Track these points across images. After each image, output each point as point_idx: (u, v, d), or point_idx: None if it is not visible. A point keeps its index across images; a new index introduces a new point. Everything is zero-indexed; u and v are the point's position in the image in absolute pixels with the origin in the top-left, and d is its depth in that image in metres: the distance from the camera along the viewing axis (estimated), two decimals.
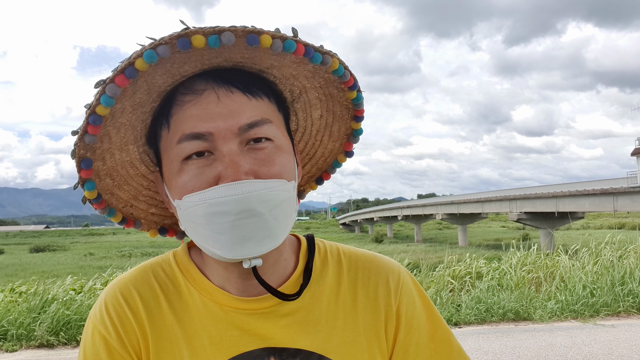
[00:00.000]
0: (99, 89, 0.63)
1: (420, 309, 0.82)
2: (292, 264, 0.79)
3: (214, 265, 0.76)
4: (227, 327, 0.74)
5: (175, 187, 0.69)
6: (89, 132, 0.65)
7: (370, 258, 0.84)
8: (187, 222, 0.70)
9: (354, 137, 0.85)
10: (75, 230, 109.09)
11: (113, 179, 0.75)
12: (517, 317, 6.42)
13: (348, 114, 0.82)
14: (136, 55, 0.61)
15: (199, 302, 0.75)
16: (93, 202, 0.73)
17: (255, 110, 0.69)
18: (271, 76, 0.73)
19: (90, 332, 0.75)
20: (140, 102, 0.68)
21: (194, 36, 0.60)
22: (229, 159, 0.66)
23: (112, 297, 0.76)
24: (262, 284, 0.71)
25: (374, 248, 32.87)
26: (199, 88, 0.68)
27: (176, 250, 0.82)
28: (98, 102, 0.63)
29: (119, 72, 0.61)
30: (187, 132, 0.67)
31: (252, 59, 0.69)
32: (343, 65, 0.72)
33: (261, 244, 0.66)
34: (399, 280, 0.82)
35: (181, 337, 0.73)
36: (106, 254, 36.82)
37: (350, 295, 0.79)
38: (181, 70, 0.66)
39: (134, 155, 0.75)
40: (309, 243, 0.83)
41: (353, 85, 0.76)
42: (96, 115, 0.64)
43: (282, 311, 0.75)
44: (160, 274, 0.78)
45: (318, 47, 0.68)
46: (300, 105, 0.79)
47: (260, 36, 0.63)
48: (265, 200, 0.65)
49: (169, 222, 0.86)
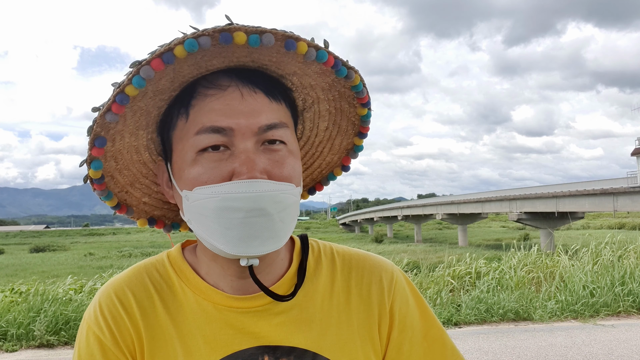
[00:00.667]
0: (133, 70, 0.63)
1: (413, 307, 0.83)
2: (285, 263, 0.80)
3: (209, 264, 0.77)
4: (221, 326, 0.74)
5: (187, 178, 0.69)
6: (112, 111, 0.64)
7: (363, 257, 0.84)
8: (193, 214, 0.70)
9: (354, 152, 0.86)
10: (75, 230, 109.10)
11: (117, 162, 0.75)
12: (517, 317, 6.42)
13: (353, 130, 0.83)
14: (177, 41, 0.61)
15: (192, 301, 0.76)
16: (95, 182, 0.73)
17: (275, 112, 0.70)
18: (289, 83, 0.75)
19: (85, 332, 0.75)
20: (162, 89, 0.68)
21: (236, 32, 0.61)
22: (245, 156, 0.67)
23: (106, 297, 0.76)
24: (257, 284, 0.71)
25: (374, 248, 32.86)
26: (223, 83, 0.69)
27: (170, 251, 0.82)
28: (130, 82, 0.62)
29: (157, 55, 0.61)
30: (208, 125, 0.68)
31: (278, 63, 0.70)
32: (362, 82, 0.74)
33: (265, 244, 0.67)
34: (392, 279, 0.82)
35: (175, 337, 0.74)
36: (106, 254, 36.84)
37: (344, 294, 0.80)
38: (209, 64, 0.67)
39: (141, 141, 0.75)
40: (302, 243, 0.83)
41: (367, 102, 0.78)
42: (124, 94, 0.63)
43: (275, 309, 0.75)
44: (154, 274, 0.79)
45: (345, 62, 0.71)
46: (309, 115, 0.81)
47: (298, 42, 0.65)
48: (276, 201, 0.66)
49: (158, 214, 0.85)
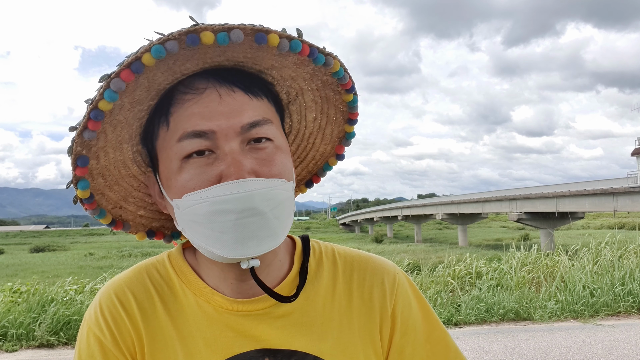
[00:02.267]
0: (103, 84, 0.61)
1: (416, 310, 0.82)
2: (286, 265, 0.79)
3: (209, 267, 0.76)
4: (222, 328, 0.73)
5: (175, 186, 0.68)
6: (89, 128, 0.63)
7: (365, 259, 0.83)
8: (185, 222, 0.69)
9: (346, 140, 0.85)
10: (75, 230, 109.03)
11: (105, 178, 0.73)
12: (517, 317, 6.42)
13: (342, 117, 0.82)
14: (144, 50, 0.60)
15: (193, 303, 0.75)
16: (85, 202, 0.72)
17: (256, 110, 0.69)
18: (270, 77, 0.73)
19: (85, 333, 0.74)
20: (139, 100, 0.67)
21: (203, 32, 0.60)
22: (231, 157, 0.65)
23: (107, 298, 0.75)
24: (259, 285, 0.70)
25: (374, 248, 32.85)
26: (200, 86, 0.68)
27: (171, 251, 0.81)
28: (102, 97, 0.61)
29: (125, 66, 0.60)
30: (189, 130, 0.66)
31: (254, 58, 0.68)
32: (343, 68, 0.73)
33: (263, 243, 0.66)
34: (395, 282, 0.81)
35: (176, 339, 0.73)
36: (106, 254, 36.81)
37: (346, 296, 0.79)
38: (182, 69, 0.66)
39: (127, 154, 0.73)
40: (303, 244, 0.82)
41: (351, 87, 0.76)
42: (98, 110, 0.62)
43: (276, 313, 0.74)
44: (154, 275, 0.78)
45: (321, 49, 0.69)
46: (295, 107, 0.79)
47: (268, 35, 0.63)
48: (267, 199, 0.65)
49: (157, 225, 0.85)
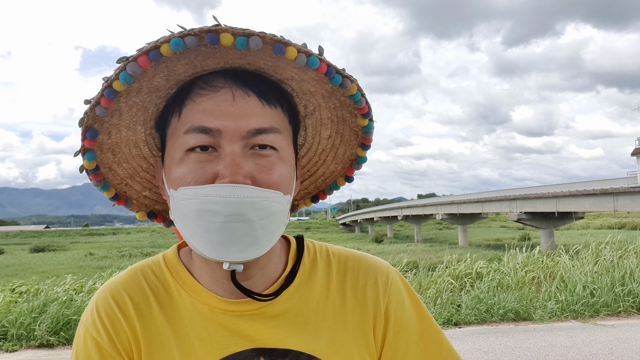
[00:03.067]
0: (120, 65, 0.63)
1: (409, 308, 0.82)
2: (281, 266, 0.80)
3: (202, 267, 0.77)
4: (217, 328, 0.74)
5: (173, 177, 0.70)
6: (101, 104, 0.65)
7: (359, 258, 0.84)
8: (177, 213, 0.70)
9: (357, 163, 0.85)
10: (75, 230, 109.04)
11: (114, 154, 0.75)
12: (517, 317, 6.42)
13: (356, 140, 0.82)
14: (163, 40, 0.62)
15: (188, 303, 0.76)
16: (90, 173, 0.74)
17: (266, 117, 0.70)
18: (289, 88, 0.74)
19: (82, 335, 0.75)
20: (157, 86, 0.69)
21: (223, 33, 0.61)
22: (231, 159, 0.66)
23: (103, 300, 0.76)
24: (238, 287, 0.72)
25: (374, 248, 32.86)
26: (217, 84, 0.69)
27: (166, 253, 0.83)
28: (116, 77, 0.63)
29: (143, 52, 0.62)
30: (196, 125, 0.68)
31: (274, 67, 0.69)
32: (360, 92, 0.73)
33: (245, 251, 0.66)
34: (388, 281, 0.82)
35: (172, 339, 0.74)
36: (106, 254, 36.83)
37: (339, 295, 0.80)
38: (204, 64, 0.67)
39: (139, 135, 0.75)
40: (298, 244, 0.83)
41: (367, 113, 0.76)
42: (112, 89, 0.64)
43: (270, 313, 0.75)
44: (150, 276, 0.79)
45: (339, 70, 0.69)
46: (311, 122, 0.80)
47: (287, 47, 0.64)
48: (258, 208, 0.65)
49: (159, 208, 0.86)
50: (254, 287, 0.75)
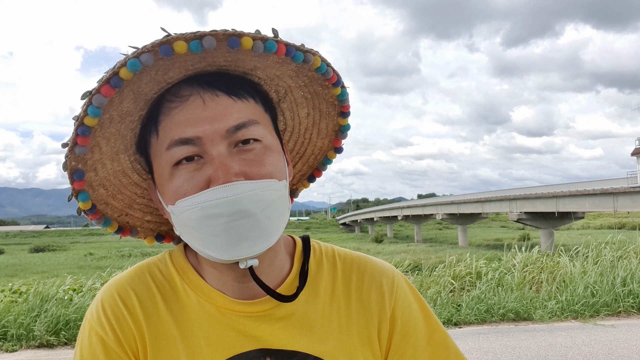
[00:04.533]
0: (86, 100, 0.63)
1: (416, 312, 0.82)
2: (287, 266, 0.80)
3: (209, 269, 0.76)
4: (224, 328, 0.74)
5: (168, 193, 0.70)
6: (78, 144, 0.66)
7: (364, 261, 0.84)
8: (181, 227, 0.70)
9: (341, 133, 0.86)
10: (75, 230, 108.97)
11: (106, 189, 0.75)
12: (517, 317, 6.42)
13: (334, 111, 0.82)
14: (120, 64, 0.62)
15: (195, 303, 0.75)
16: (88, 213, 0.74)
17: (241, 112, 0.69)
18: (256, 77, 0.74)
19: (87, 332, 0.74)
20: (128, 111, 0.69)
21: (175, 42, 0.61)
22: (219, 161, 0.66)
23: (109, 297, 0.76)
24: (259, 284, 0.71)
25: (374, 248, 32.85)
26: (184, 94, 0.69)
27: (172, 251, 0.82)
28: (85, 113, 0.63)
29: (104, 82, 0.62)
30: (176, 138, 0.68)
31: (235, 61, 0.69)
32: (325, 63, 0.72)
33: (256, 244, 0.66)
34: (393, 285, 0.82)
35: (178, 338, 0.73)
36: (106, 254, 36.81)
37: (344, 298, 0.79)
38: (166, 77, 0.67)
39: (125, 164, 0.75)
40: (304, 244, 0.83)
41: (336, 81, 0.76)
42: (85, 126, 0.64)
43: (278, 314, 0.75)
44: (156, 274, 0.78)
45: (299, 46, 0.69)
46: (286, 104, 0.80)
47: (241, 39, 0.63)
48: (257, 200, 0.65)
49: (165, 229, 0.86)
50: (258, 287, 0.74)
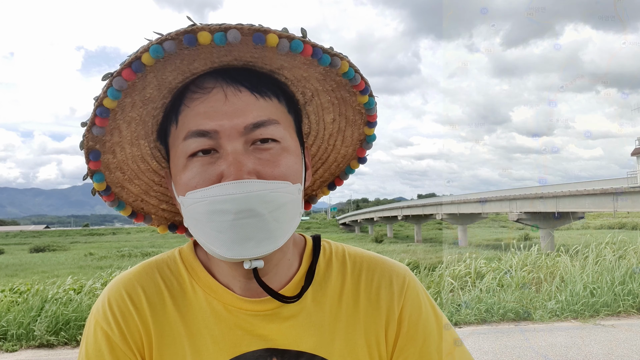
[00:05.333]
0: (107, 82, 0.63)
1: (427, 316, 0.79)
2: (295, 265, 0.79)
3: (219, 264, 0.76)
4: (230, 326, 0.73)
5: (180, 184, 0.69)
6: (96, 124, 0.65)
7: (375, 260, 0.82)
8: (189, 219, 0.70)
9: (366, 143, 0.83)
10: (75, 230, 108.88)
11: (123, 172, 0.75)
12: (517, 317, 6.41)
13: (361, 119, 0.80)
14: (143, 49, 0.61)
15: (202, 300, 0.75)
16: (102, 194, 0.74)
17: (262, 110, 0.69)
18: (282, 77, 0.72)
19: (93, 328, 0.74)
20: (150, 98, 0.68)
21: (200, 32, 0.61)
22: (233, 157, 0.66)
23: (116, 293, 0.75)
24: (262, 286, 0.71)
25: (374, 248, 32.84)
26: (207, 86, 0.68)
27: (182, 247, 0.81)
28: (105, 95, 0.63)
29: (126, 65, 0.62)
30: (193, 129, 0.67)
31: (262, 58, 0.68)
32: (353, 68, 0.70)
33: (260, 246, 0.66)
34: (404, 284, 0.80)
35: (184, 335, 0.73)
36: (106, 254, 36.76)
37: (353, 297, 0.78)
38: (191, 68, 0.67)
39: (145, 150, 0.75)
40: (314, 244, 0.82)
41: (364, 89, 0.74)
42: (103, 107, 0.64)
43: (285, 313, 0.74)
44: (165, 271, 0.78)
45: (327, 49, 0.67)
46: (312, 108, 0.78)
47: (267, 35, 0.62)
48: (266, 201, 0.65)
49: (179, 219, 0.84)
50: (269, 284, 0.73)
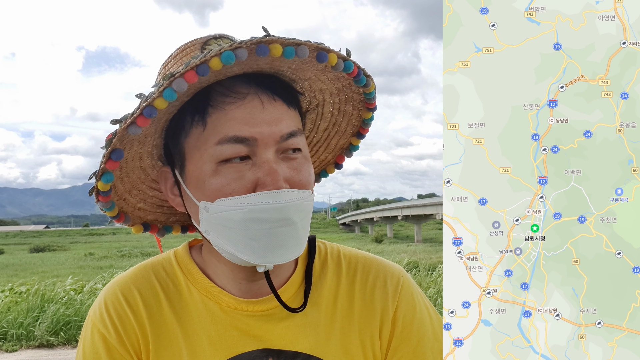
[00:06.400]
0: (165, 82, 0.60)
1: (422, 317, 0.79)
2: (292, 265, 0.79)
3: (217, 265, 0.76)
4: (227, 327, 0.74)
5: (208, 189, 0.67)
6: (137, 124, 0.61)
7: (370, 260, 0.83)
8: (213, 225, 0.68)
9: (349, 151, 0.85)
10: (75, 230, 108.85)
11: (121, 170, 0.71)
12: None
13: (351, 130, 0.82)
14: (213, 54, 0.59)
15: (198, 301, 0.75)
16: (101, 194, 0.70)
17: (292, 120, 0.69)
18: (300, 87, 0.74)
19: (90, 330, 0.74)
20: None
21: (273, 44, 0.61)
22: (269, 166, 0.65)
23: (112, 295, 0.75)
24: (273, 291, 0.72)
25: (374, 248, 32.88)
26: (242, 91, 0.67)
27: (177, 250, 0.81)
28: (160, 95, 0.60)
29: (192, 67, 0.59)
30: (230, 135, 0.65)
31: (296, 70, 0.69)
32: (375, 91, 0.75)
33: (289, 252, 0.67)
34: (399, 284, 0.80)
35: (180, 337, 0.73)
36: (106, 254, 36.76)
37: (348, 297, 0.78)
38: (228, 71, 0.64)
39: (147, 147, 0.71)
40: (310, 245, 0.82)
41: (374, 107, 0.78)
42: (152, 107, 0.61)
43: (281, 314, 0.75)
44: (161, 273, 0.78)
45: (364, 70, 0.71)
46: (311, 116, 0.80)
47: (329, 54, 0.65)
48: (300, 210, 0.66)
49: (151, 218, 0.83)
50: (265, 286, 0.73)
